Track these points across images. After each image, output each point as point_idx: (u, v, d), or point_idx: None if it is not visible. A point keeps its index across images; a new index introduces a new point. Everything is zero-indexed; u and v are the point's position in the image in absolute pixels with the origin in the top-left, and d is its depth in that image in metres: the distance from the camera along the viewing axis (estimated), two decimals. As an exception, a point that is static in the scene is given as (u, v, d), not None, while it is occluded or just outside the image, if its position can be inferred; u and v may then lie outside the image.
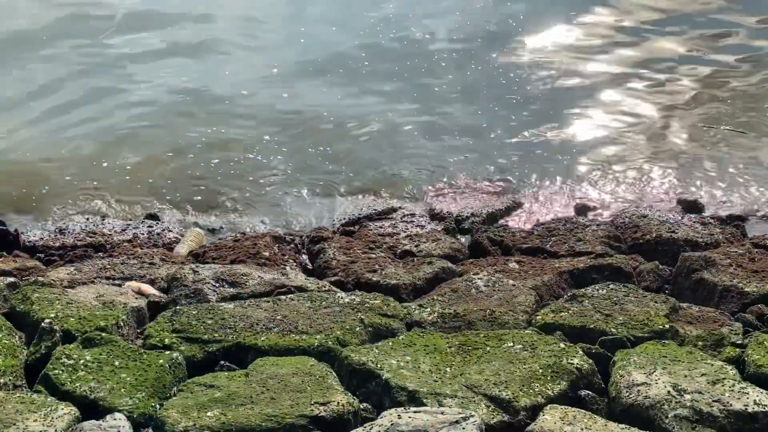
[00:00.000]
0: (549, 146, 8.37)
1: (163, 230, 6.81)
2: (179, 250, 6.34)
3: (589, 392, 4.35)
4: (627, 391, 4.23)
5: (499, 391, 4.23)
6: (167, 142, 8.32)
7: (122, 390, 4.22)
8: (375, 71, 9.90)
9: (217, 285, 5.43)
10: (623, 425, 4.03)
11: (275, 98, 9.22)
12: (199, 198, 7.42)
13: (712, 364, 4.45)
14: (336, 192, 7.55)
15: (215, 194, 7.48)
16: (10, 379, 4.36)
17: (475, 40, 10.76)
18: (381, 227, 6.74)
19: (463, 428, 3.88)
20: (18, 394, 4.20)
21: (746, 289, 5.43)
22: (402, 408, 4.06)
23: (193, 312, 4.95)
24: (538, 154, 8.23)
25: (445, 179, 7.75)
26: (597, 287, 5.38)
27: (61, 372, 4.31)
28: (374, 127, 8.67)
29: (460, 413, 3.98)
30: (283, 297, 5.22)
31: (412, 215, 7.06)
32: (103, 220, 6.97)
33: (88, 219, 6.98)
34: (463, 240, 6.66)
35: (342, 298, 5.20)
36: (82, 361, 4.38)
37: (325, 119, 8.79)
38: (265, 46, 10.54)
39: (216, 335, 4.73)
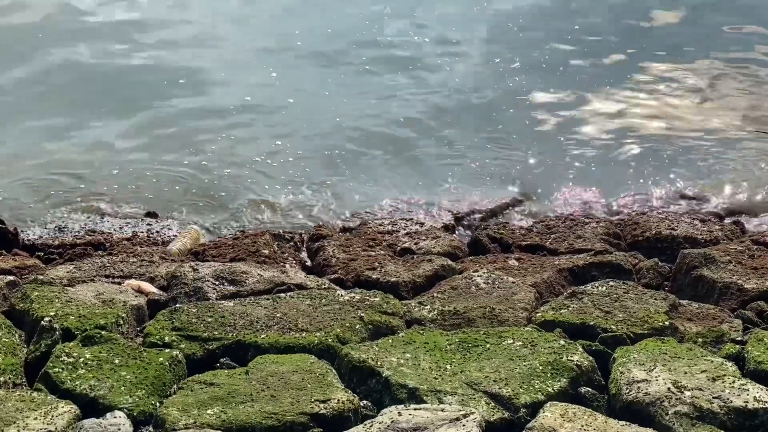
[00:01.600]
0: (548, 143, 8.37)
1: (163, 228, 6.81)
2: (171, 247, 6.33)
3: (590, 389, 4.35)
4: (627, 388, 4.23)
5: (500, 389, 4.23)
6: (168, 141, 8.32)
7: (122, 388, 4.22)
8: (374, 67, 9.91)
9: (216, 283, 5.43)
10: (623, 422, 4.04)
11: (275, 96, 9.22)
12: (199, 196, 7.42)
13: (712, 361, 4.46)
14: (336, 189, 7.55)
15: (215, 192, 7.48)
16: (10, 378, 4.36)
17: (474, 37, 10.76)
18: (381, 225, 6.73)
19: (464, 425, 3.88)
20: (18, 393, 4.20)
21: (746, 286, 5.43)
22: (402, 405, 4.07)
23: (193, 310, 4.95)
24: (538, 151, 8.22)
25: (444, 176, 7.75)
26: (597, 284, 5.38)
27: (61, 370, 4.31)
28: (373, 124, 8.66)
29: (461, 410, 3.98)
30: (282, 295, 5.21)
31: (412, 213, 7.06)
32: (103, 218, 6.97)
33: (87, 217, 6.98)
34: (463, 237, 6.66)
35: (342, 295, 5.20)
36: (81, 359, 4.38)
37: (325, 116, 8.78)
38: (266, 42, 10.54)
39: (216, 333, 4.73)
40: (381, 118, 8.80)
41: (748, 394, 4.12)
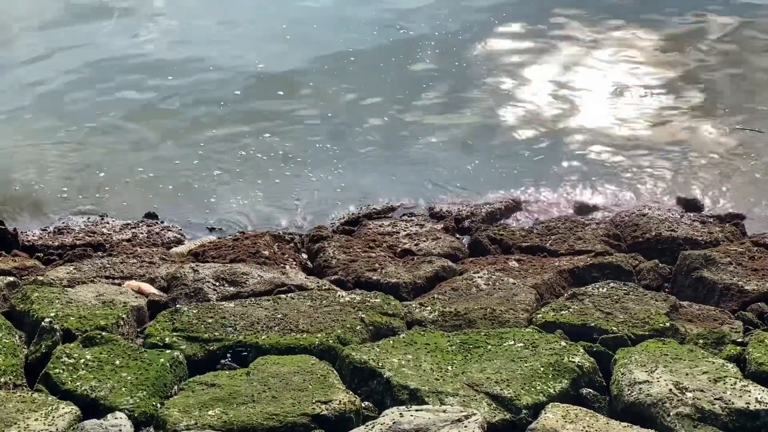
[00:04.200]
0: (548, 144, 8.37)
1: (162, 229, 6.79)
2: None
3: (591, 390, 4.35)
4: (629, 389, 4.22)
5: (501, 390, 4.23)
6: (167, 142, 8.32)
7: (123, 389, 4.21)
8: (374, 71, 9.91)
9: (217, 284, 5.42)
10: (625, 423, 4.03)
11: (274, 97, 9.22)
12: (199, 197, 7.41)
13: (713, 362, 4.45)
14: (335, 191, 7.54)
15: (214, 193, 7.47)
16: (10, 379, 4.35)
17: (469, 41, 10.77)
18: (381, 226, 6.72)
19: (465, 426, 3.87)
20: (18, 394, 4.19)
21: (746, 288, 5.44)
22: (404, 406, 4.06)
23: (194, 311, 4.94)
24: (538, 152, 8.22)
25: (444, 178, 7.74)
26: (597, 286, 5.38)
27: (61, 371, 4.30)
28: (373, 125, 8.66)
29: (462, 411, 3.98)
30: (283, 296, 5.21)
31: (412, 214, 7.06)
32: (102, 219, 6.96)
33: (87, 218, 6.97)
34: (463, 239, 6.65)
35: (342, 296, 5.20)
36: (82, 360, 4.37)
37: (325, 118, 8.78)
38: (263, 45, 10.54)
39: (216, 334, 4.72)
40: (380, 119, 8.79)
41: (749, 396, 4.12)
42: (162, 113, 8.86)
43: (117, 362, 4.39)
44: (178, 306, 5.06)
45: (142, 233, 6.69)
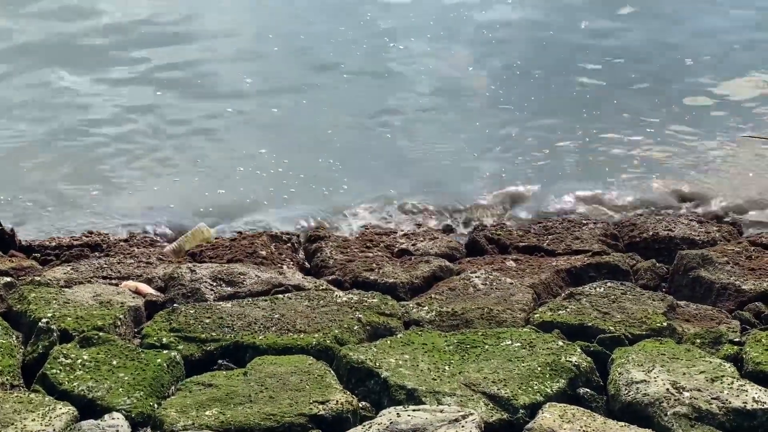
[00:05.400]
0: (546, 144, 8.37)
1: (159, 230, 6.79)
2: (171, 246, 6.34)
3: (588, 390, 4.35)
4: (626, 389, 4.23)
5: (498, 390, 4.23)
6: (164, 142, 8.32)
7: (120, 389, 4.21)
8: (368, 70, 9.92)
9: (214, 284, 5.42)
10: (622, 423, 4.04)
11: (272, 98, 9.22)
12: (196, 197, 7.41)
13: (711, 362, 4.46)
14: (332, 191, 7.54)
15: (212, 193, 7.47)
16: (7, 379, 4.35)
17: (468, 42, 10.78)
18: (378, 226, 6.72)
19: (463, 426, 3.88)
20: (15, 394, 4.19)
21: (743, 287, 5.44)
22: (401, 406, 4.06)
23: (191, 311, 4.94)
24: (536, 152, 8.23)
25: (441, 178, 7.75)
26: (594, 285, 5.38)
27: (58, 371, 4.30)
28: (371, 126, 8.67)
29: (459, 411, 3.98)
30: (280, 296, 5.21)
31: (409, 214, 7.05)
32: (99, 219, 6.96)
33: (84, 218, 6.96)
34: (460, 239, 6.66)
35: (339, 296, 5.20)
36: (79, 361, 4.38)
37: (321, 118, 8.79)
38: (260, 46, 10.55)
39: (214, 334, 4.72)
40: (377, 120, 8.80)
41: (746, 395, 4.12)
42: (160, 115, 8.86)
43: (114, 362, 4.39)
44: (175, 306, 5.06)
45: (139, 233, 6.69)
